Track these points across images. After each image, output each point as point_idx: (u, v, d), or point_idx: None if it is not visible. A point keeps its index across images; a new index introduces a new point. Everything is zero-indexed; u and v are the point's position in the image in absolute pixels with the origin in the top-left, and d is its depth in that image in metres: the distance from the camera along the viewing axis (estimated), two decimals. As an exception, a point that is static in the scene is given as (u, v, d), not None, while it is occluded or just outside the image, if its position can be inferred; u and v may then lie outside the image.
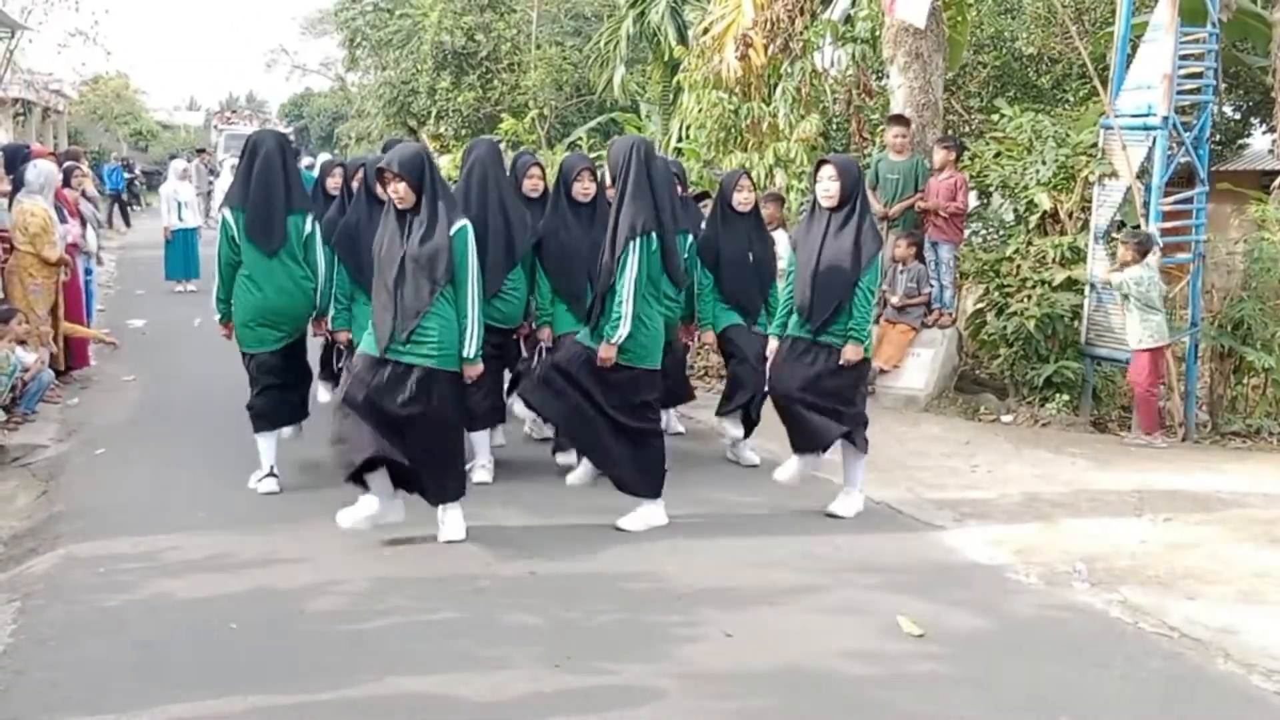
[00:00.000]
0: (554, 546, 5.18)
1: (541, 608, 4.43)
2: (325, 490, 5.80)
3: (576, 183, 6.19)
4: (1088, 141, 8.83)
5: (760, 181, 10.27)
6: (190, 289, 14.36)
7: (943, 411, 8.44)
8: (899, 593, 4.71)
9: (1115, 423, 8.68)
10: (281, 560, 4.91)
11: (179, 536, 5.18)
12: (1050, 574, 5.02)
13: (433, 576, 4.76)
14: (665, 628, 4.28)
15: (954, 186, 8.57)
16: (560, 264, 6.16)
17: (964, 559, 5.24)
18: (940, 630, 4.31)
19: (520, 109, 20.84)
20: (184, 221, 14.86)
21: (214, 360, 9.25)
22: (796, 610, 4.51)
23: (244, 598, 4.47)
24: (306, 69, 46.22)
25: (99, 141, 35.76)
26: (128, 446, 6.99)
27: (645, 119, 18.68)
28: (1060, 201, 8.85)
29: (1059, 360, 8.50)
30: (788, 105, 10.24)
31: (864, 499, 5.86)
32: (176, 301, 13.55)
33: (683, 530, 5.46)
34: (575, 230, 6.14)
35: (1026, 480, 6.62)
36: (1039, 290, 8.53)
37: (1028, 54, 14.80)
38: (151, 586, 4.58)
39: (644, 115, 18.93)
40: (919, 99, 9.40)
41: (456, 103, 22.70)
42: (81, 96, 35.00)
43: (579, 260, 6.05)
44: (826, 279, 5.46)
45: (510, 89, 22.78)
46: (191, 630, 4.15)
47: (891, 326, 8.75)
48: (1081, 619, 4.54)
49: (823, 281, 5.47)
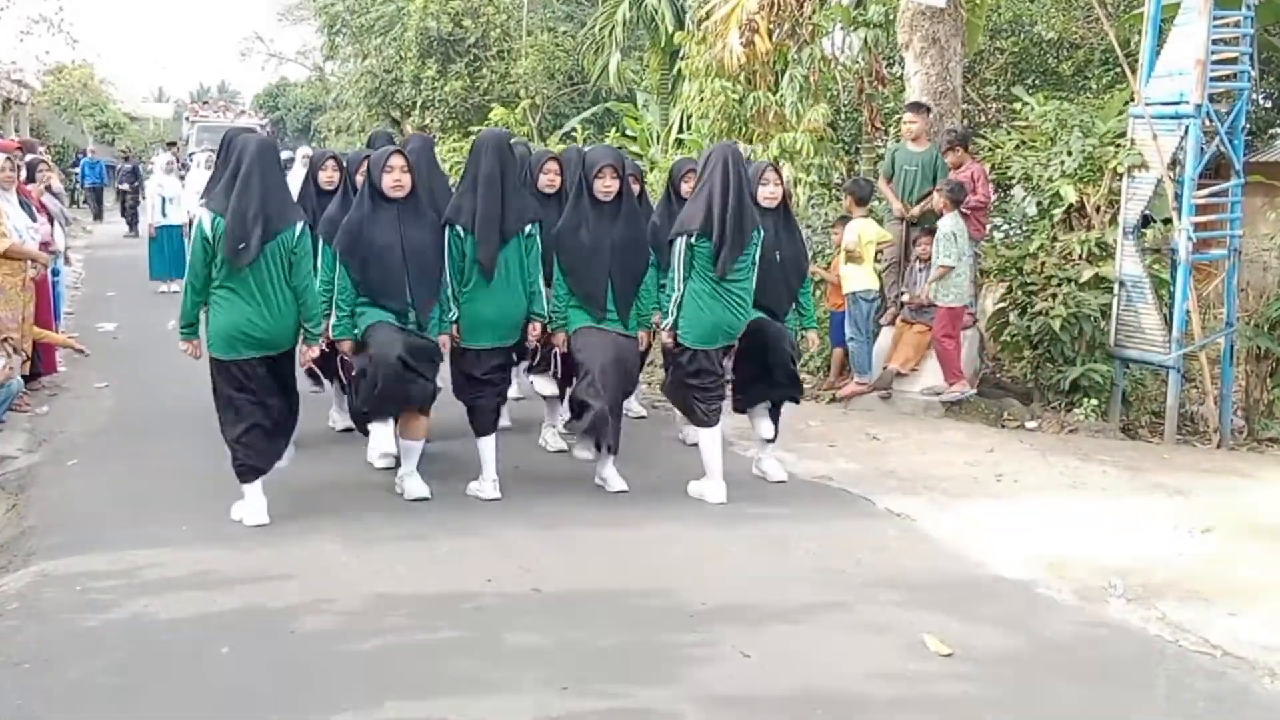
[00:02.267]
0: (560, 562, 5.16)
1: (547, 627, 4.41)
2: (314, 502, 5.79)
3: (598, 180, 6.13)
4: (1115, 131, 8.83)
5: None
6: (175, 290, 14.30)
7: (964, 417, 8.43)
8: (924, 610, 4.69)
9: (1147, 428, 8.69)
10: (269, 577, 4.88)
11: (159, 552, 5.16)
12: (1084, 589, 5.01)
13: (431, 594, 4.74)
14: (679, 648, 4.26)
15: (973, 178, 8.54)
16: (578, 263, 6.12)
17: (992, 573, 5.22)
18: (969, 649, 4.30)
19: (511, 99, 20.84)
20: (168, 218, 14.76)
21: (190, 365, 9.22)
22: (817, 628, 4.50)
23: (230, 618, 4.44)
24: (283, 58, 46.24)
25: (63, 134, 35.66)
26: (102, 456, 6.97)
27: (643, 109, 18.71)
28: (1087, 194, 8.86)
29: (1086, 363, 8.49)
30: (795, 94, 10.24)
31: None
32: (149, 304, 13.51)
33: (695, 544, 5.45)
34: (596, 228, 6.12)
35: (1055, 490, 6.60)
36: (1064, 288, 8.53)
37: (1048, 39, 14.80)
38: (131, 606, 4.55)
39: (641, 105, 18.96)
40: (936, 87, 9.40)
41: (443, 92, 22.67)
42: (45, 87, 34.90)
43: (599, 260, 6.05)
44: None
45: (500, 78, 22.76)
46: (175, 653, 4.13)
47: (908, 327, 8.73)
48: (1118, 637, 4.52)
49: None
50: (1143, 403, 9.05)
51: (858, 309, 8.49)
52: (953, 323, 8.35)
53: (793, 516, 5.90)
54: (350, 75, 27.64)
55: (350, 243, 5.80)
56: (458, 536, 5.45)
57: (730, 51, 10.55)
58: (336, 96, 30.60)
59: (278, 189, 5.54)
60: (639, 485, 6.22)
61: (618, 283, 6.11)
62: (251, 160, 5.41)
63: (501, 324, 5.98)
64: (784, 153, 10.09)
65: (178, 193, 15.13)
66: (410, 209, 5.86)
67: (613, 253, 6.04)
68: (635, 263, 6.16)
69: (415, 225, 5.84)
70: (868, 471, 6.87)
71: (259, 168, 5.42)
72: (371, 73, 24.64)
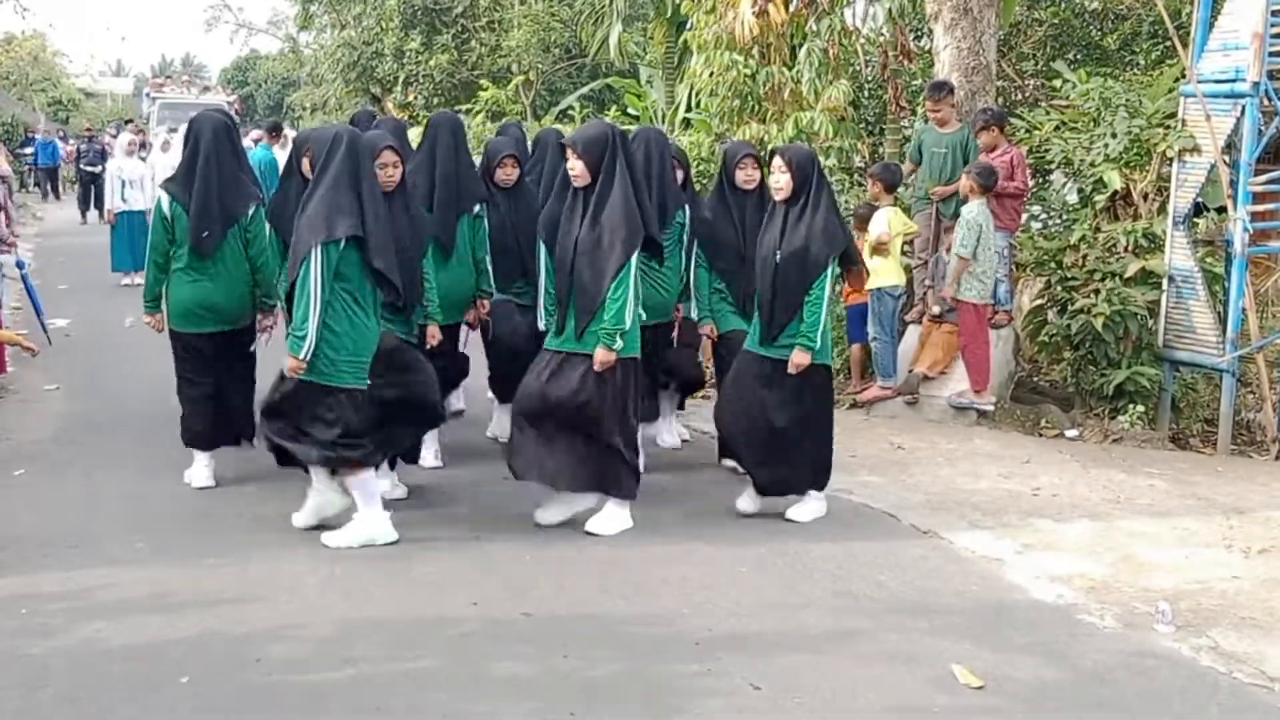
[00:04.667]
0: (551, 583, 5.15)
1: (536, 656, 4.40)
2: (282, 517, 5.78)
3: (739, 170, 6.73)
4: (1164, 111, 8.82)
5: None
6: (139, 282, 14.28)
7: (998, 425, 8.42)
8: (953, 637, 4.69)
9: (1198, 438, 8.68)
10: (232, 599, 4.89)
11: (113, 571, 5.17)
12: (1128, 615, 5.00)
13: (408, 619, 4.73)
14: (681, 679, 4.25)
15: (1010, 164, 8.53)
16: (720, 255, 6.76)
17: (1028, 598, 5.22)
18: (1003, 682, 4.29)
19: (502, 74, 20.89)
20: (128, 203, 14.68)
21: (148, 366, 9.22)
22: (835, 658, 4.49)
23: (189, 644, 4.44)
24: (253, 28, 46.29)
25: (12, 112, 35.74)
26: (51, 466, 6.97)
27: (646, 85, 18.68)
28: (1133, 180, 8.85)
29: (1132, 365, 8.48)
30: (813, 69, 10.23)
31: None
32: (105, 298, 13.52)
33: (699, 565, 5.44)
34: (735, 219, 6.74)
35: (1097, 505, 6.60)
36: (1108, 284, 8.51)
37: (1090, 9, 14.80)
38: (81, 631, 4.55)
39: (644, 81, 18.92)
40: (968, 61, 9.39)
41: (428, 67, 22.73)
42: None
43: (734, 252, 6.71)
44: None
45: (490, 51, 22.81)
46: (128, 683, 4.13)
47: (936, 326, 8.72)
48: (1166, 668, 4.51)
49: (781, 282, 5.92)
50: (1194, 410, 9.03)
51: (883, 306, 8.47)
52: (979, 321, 8.36)
53: (809, 534, 5.89)
54: (326, 47, 27.71)
55: None
56: (439, 554, 5.45)
57: (742, 22, 10.53)
58: (311, 71, 30.71)
59: (233, 176, 6.28)
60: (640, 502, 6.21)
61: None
62: (208, 147, 6.21)
63: (455, 301, 6.64)
64: (800, 134, 10.08)
65: (139, 175, 15.06)
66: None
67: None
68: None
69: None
70: (891, 485, 6.87)
71: (215, 155, 6.21)
72: (350, 45, 24.71)
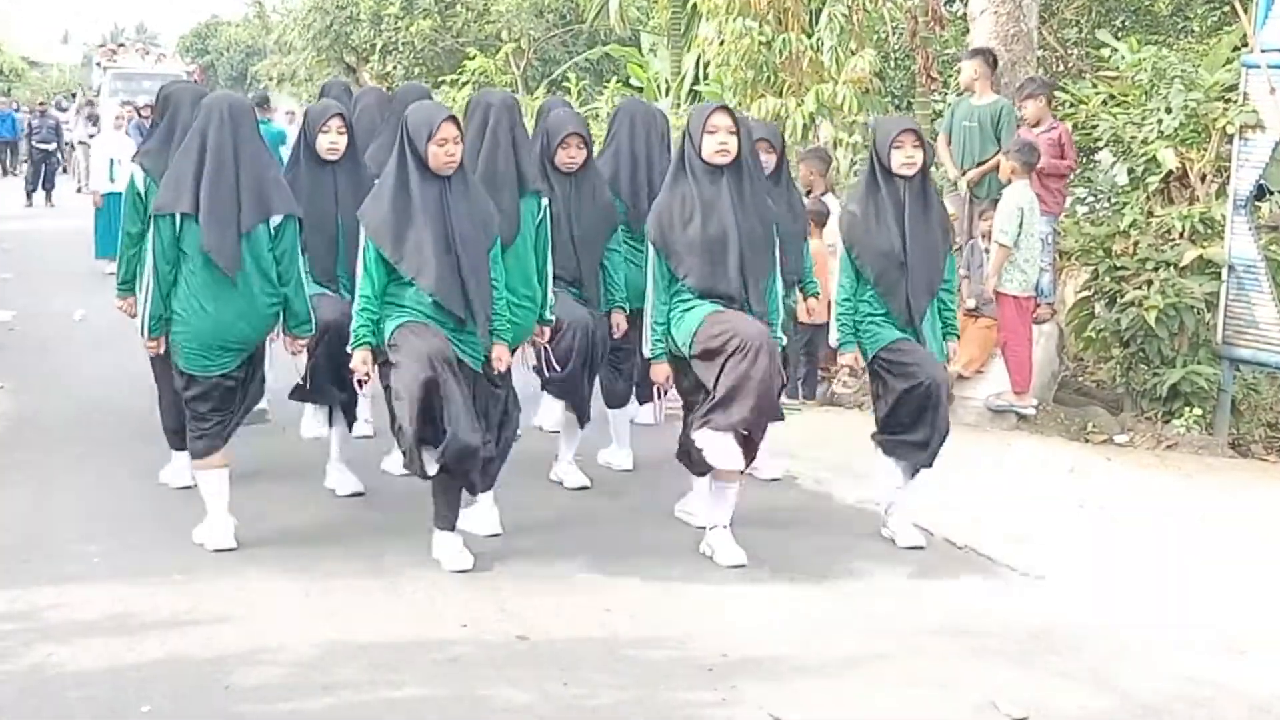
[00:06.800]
0: (549, 604, 5.16)
1: (534, 682, 4.41)
2: (255, 528, 5.79)
3: (896, 150, 6.59)
4: (1224, 83, 8.82)
5: (799, 134, 10.27)
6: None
7: (1040, 429, 8.43)
8: (992, 662, 4.70)
9: (1261, 443, 8.69)
10: (200, 620, 4.89)
11: (66, 589, 5.15)
12: (1183, 639, 5.01)
13: (395, 641, 4.74)
14: (693, 707, 4.26)
15: (1058, 141, 8.52)
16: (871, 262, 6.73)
17: (1072, 620, 5.22)
18: (1048, 712, 4.30)
19: (490, 42, 20.88)
20: (115, 183, 14.64)
21: (102, 362, 9.25)
22: (861, 685, 4.50)
23: (152, 669, 4.44)
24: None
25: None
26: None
27: (649, 54, 18.71)
28: (1189, 160, 8.85)
29: (1188, 364, 8.48)
30: (834, 37, 10.26)
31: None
32: (55, 288, 13.53)
33: (714, 581, 5.45)
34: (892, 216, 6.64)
35: (1148, 518, 6.60)
36: (1162, 274, 8.51)
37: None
38: (31, 655, 4.55)
39: (648, 49, 18.95)
40: (1007, 29, 9.40)
41: (408, 34, 22.73)
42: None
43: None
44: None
45: (477, 16, 22.83)
46: (84, 712, 4.13)
47: (971, 320, 8.71)
48: (1226, 696, 4.52)
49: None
50: (1256, 412, 9.04)
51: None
52: (1020, 315, 8.36)
53: (830, 548, 5.90)
54: (296, 12, 27.69)
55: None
56: (427, 572, 5.45)
57: (757, -15, 10.57)
58: (279, 38, 30.64)
59: (258, 175, 5.64)
60: (639, 509, 6.25)
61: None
62: (219, 134, 5.55)
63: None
64: (821, 108, 10.10)
65: (129, 154, 15.10)
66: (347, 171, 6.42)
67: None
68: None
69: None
70: (921, 495, 6.86)
71: (231, 142, 5.56)
72: (322, 9, 24.70)
